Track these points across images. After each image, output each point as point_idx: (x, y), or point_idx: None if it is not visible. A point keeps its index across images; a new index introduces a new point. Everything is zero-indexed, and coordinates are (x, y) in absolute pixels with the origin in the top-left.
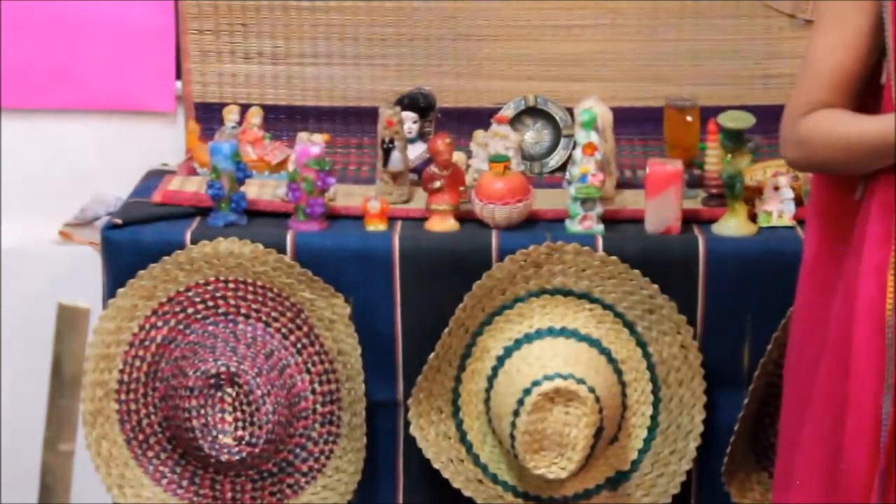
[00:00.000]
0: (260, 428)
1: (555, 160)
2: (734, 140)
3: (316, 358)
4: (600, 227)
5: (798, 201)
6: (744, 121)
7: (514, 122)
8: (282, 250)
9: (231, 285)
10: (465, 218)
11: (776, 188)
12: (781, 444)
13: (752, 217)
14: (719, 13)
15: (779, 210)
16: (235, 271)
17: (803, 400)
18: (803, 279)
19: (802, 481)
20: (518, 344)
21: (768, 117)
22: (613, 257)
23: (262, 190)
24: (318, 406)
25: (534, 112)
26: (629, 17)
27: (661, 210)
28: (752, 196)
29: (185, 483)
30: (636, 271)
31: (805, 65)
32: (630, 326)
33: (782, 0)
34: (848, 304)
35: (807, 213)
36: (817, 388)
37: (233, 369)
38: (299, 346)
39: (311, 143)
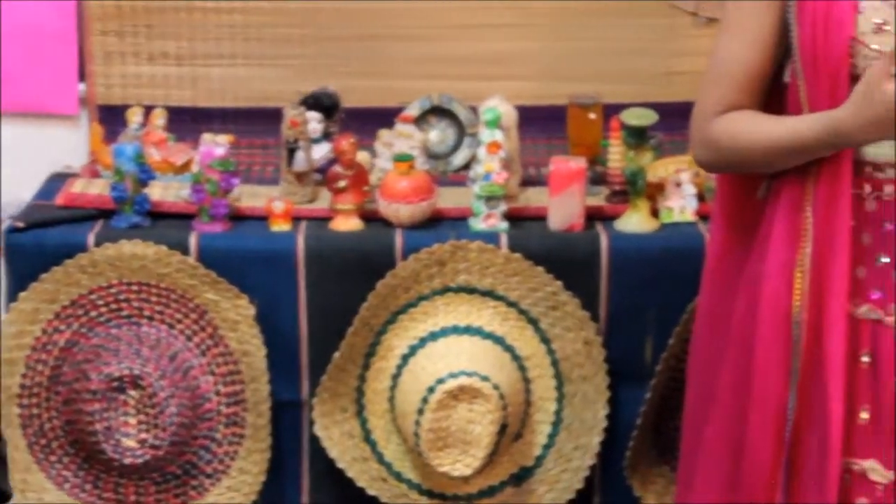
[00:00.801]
0: (164, 430)
1: (459, 159)
2: (637, 137)
3: (220, 359)
4: (504, 225)
5: (700, 197)
6: (646, 118)
7: (419, 121)
8: (186, 252)
9: (134, 288)
10: (370, 217)
11: (678, 184)
12: (684, 441)
13: (655, 213)
14: (622, 12)
15: (681, 206)
16: (139, 273)
17: (706, 397)
18: (707, 277)
19: (705, 478)
20: (422, 342)
21: (671, 114)
22: (517, 255)
23: (166, 191)
24: (222, 407)
25: (438, 111)
26: (533, 16)
27: (564, 207)
28: (655, 192)
29: (88, 487)
30: (540, 268)
31: (712, 64)
32: (534, 323)
33: None
34: (752, 301)
35: (712, 211)
36: (720, 385)
37: (136, 372)
38: (203, 347)
39: (216, 145)
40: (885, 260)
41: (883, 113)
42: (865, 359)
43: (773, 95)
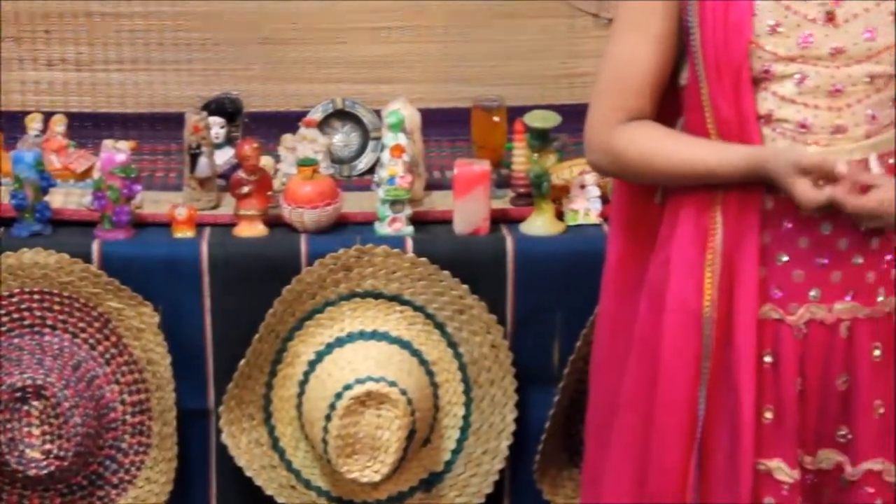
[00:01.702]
0: (68, 441)
1: (364, 163)
2: (540, 139)
3: (125, 368)
4: (409, 229)
5: (604, 199)
6: (550, 120)
7: (323, 125)
8: (88, 260)
9: (36, 296)
10: (275, 223)
11: (582, 186)
12: (589, 443)
13: (560, 215)
14: (524, 13)
15: (585, 208)
16: (41, 282)
17: (610, 399)
18: (607, 281)
19: (614, 480)
20: (329, 348)
21: (574, 116)
22: (423, 259)
23: (68, 199)
24: (127, 416)
25: (342, 115)
26: (435, 18)
27: (469, 210)
28: (560, 195)
29: None
30: (446, 272)
31: (606, 68)
32: (441, 327)
33: (586, 0)
34: (655, 302)
35: (609, 216)
36: (625, 388)
37: (39, 382)
38: (108, 356)
39: (117, 151)
40: (785, 259)
41: (785, 173)
42: (768, 359)
43: (668, 98)
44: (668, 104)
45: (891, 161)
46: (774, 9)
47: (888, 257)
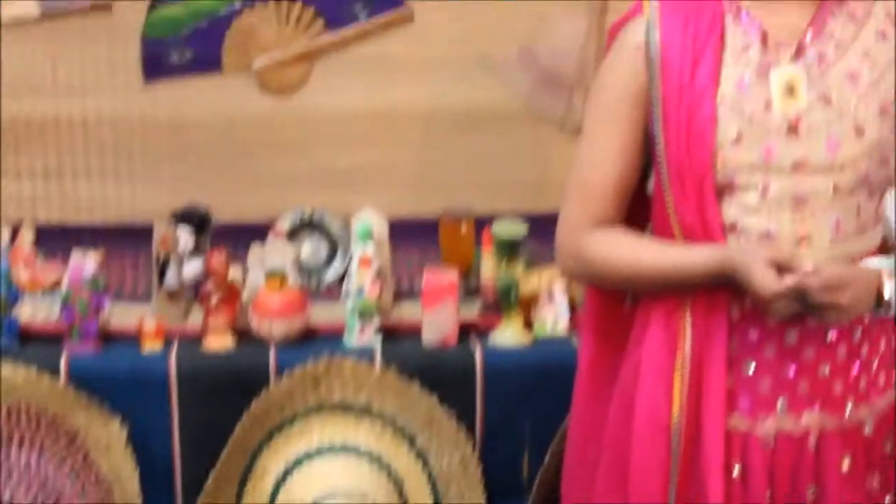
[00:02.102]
0: None
1: (332, 273)
2: (508, 249)
3: (92, 485)
4: (378, 340)
5: (573, 308)
6: (517, 230)
7: (291, 235)
8: (56, 374)
9: (3, 412)
10: (243, 334)
11: (551, 296)
12: None
13: (529, 325)
14: (492, 123)
15: (554, 318)
16: (7, 397)
17: None
18: (579, 386)
19: None
20: (299, 462)
21: (542, 225)
22: (391, 370)
23: (36, 311)
24: None
25: (311, 225)
26: (404, 128)
27: (438, 321)
28: (528, 304)
29: None
30: (415, 384)
31: (575, 176)
32: (410, 440)
33: (552, 108)
34: (625, 409)
35: (580, 320)
36: (596, 494)
37: (5, 499)
38: (75, 473)
39: (85, 263)
40: (752, 368)
41: (749, 284)
42: (736, 470)
43: (636, 205)
44: (639, 211)
45: None
46: (738, 119)
47: (855, 369)
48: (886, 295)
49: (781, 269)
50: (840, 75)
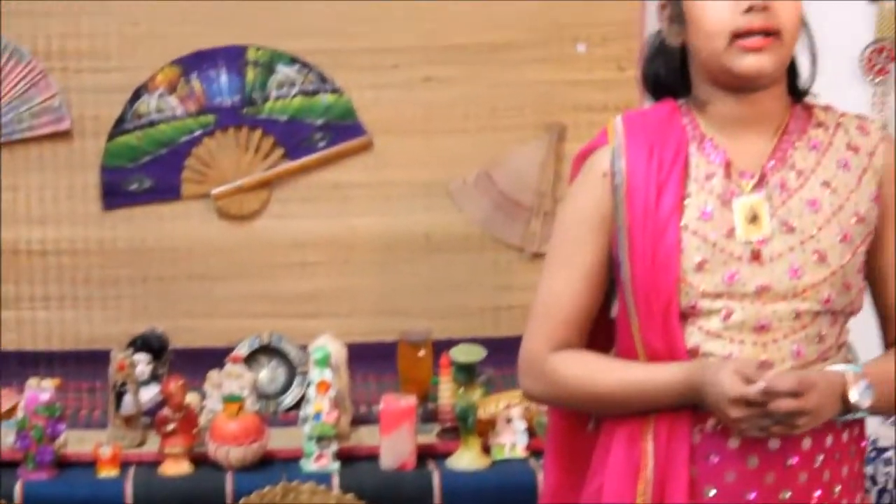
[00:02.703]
0: None
1: (290, 398)
2: (466, 373)
3: None
4: (336, 465)
5: (531, 432)
6: (475, 354)
7: (249, 360)
8: (10, 500)
9: None
10: (200, 460)
11: (509, 420)
12: None
13: (487, 449)
14: (450, 247)
15: (512, 442)
16: None
17: None
18: None
19: None
20: None
21: (500, 350)
22: (349, 496)
23: None
24: None
25: (268, 350)
26: (362, 253)
27: (396, 446)
28: (486, 428)
29: None
30: None
31: (539, 300)
32: None
33: (510, 233)
34: None
35: (545, 444)
36: None
37: None
38: None
39: (41, 389)
40: (713, 493)
41: (718, 399)
42: None
43: (601, 329)
44: (601, 335)
45: None
46: (701, 246)
47: (816, 495)
48: (852, 398)
49: (747, 381)
50: (802, 203)
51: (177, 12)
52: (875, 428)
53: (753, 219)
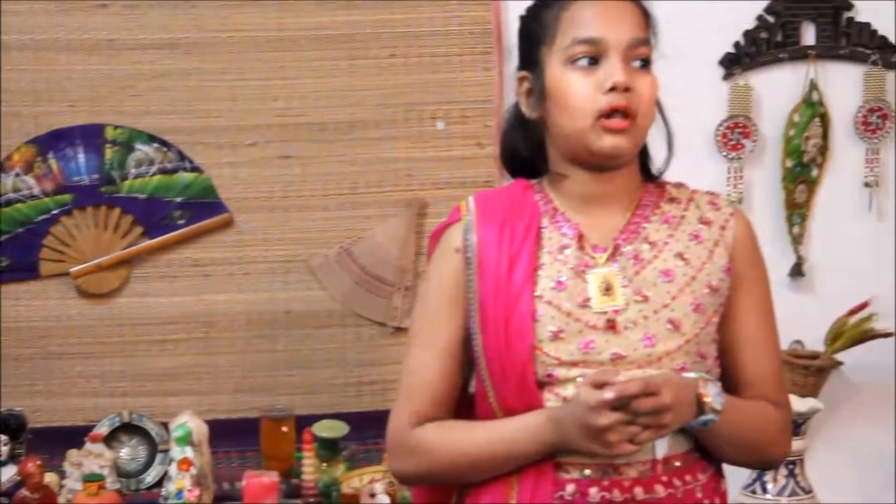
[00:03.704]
0: None
1: (151, 476)
2: (329, 449)
3: None
4: None
5: None
6: (338, 430)
7: (110, 438)
8: None
9: None
10: None
11: (372, 495)
12: None
13: None
14: (312, 323)
15: None
16: None
17: None
18: None
19: None
20: None
21: (363, 424)
22: None
23: None
24: None
25: (129, 428)
26: (223, 329)
27: None
28: (350, 503)
29: None
30: None
31: (403, 377)
32: None
33: (372, 309)
34: None
35: None
36: None
37: None
38: None
39: None
40: None
41: (581, 416)
42: None
43: (464, 405)
44: (464, 412)
45: (676, 464)
46: (556, 316)
47: None
48: (706, 398)
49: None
50: (656, 273)
51: (32, 91)
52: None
53: (607, 289)
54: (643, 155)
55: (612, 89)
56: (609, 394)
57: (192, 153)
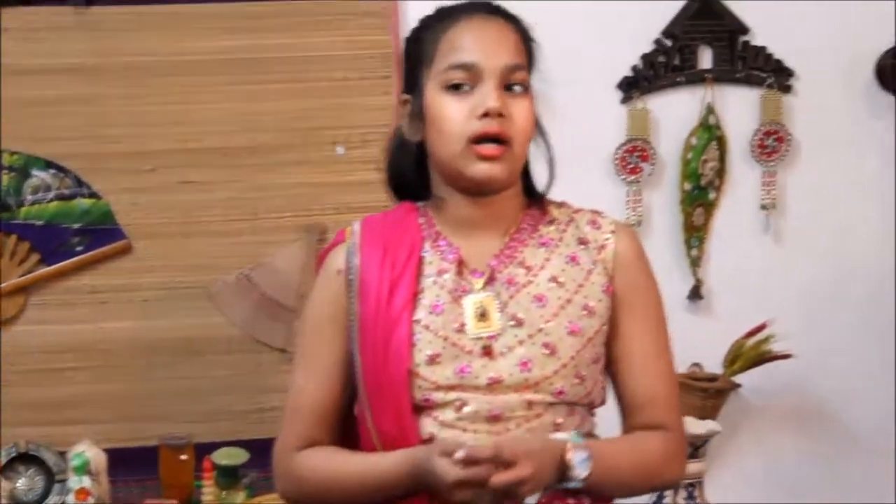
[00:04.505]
0: None
1: None
2: (229, 476)
3: None
4: None
5: None
6: (237, 457)
7: (6, 469)
8: None
9: None
10: None
11: None
12: None
13: None
14: (211, 350)
15: None
16: None
17: None
18: None
19: None
20: None
21: (263, 451)
22: None
23: None
24: None
25: (26, 458)
26: (121, 357)
27: None
28: None
29: None
30: None
31: (288, 399)
32: None
33: (272, 335)
34: None
35: None
36: None
37: None
38: None
39: None
40: None
41: (439, 483)
42: None
43: (349, 428)
44: (351, 435)
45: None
46: (434, 340)
47: None
48: (571, 463)
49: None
50: (530, 298)
51: None
52: None
53: (483, 315)
54: (526, 177)
55: (486, 115)
56: (456, 456)
57: (91, 179)
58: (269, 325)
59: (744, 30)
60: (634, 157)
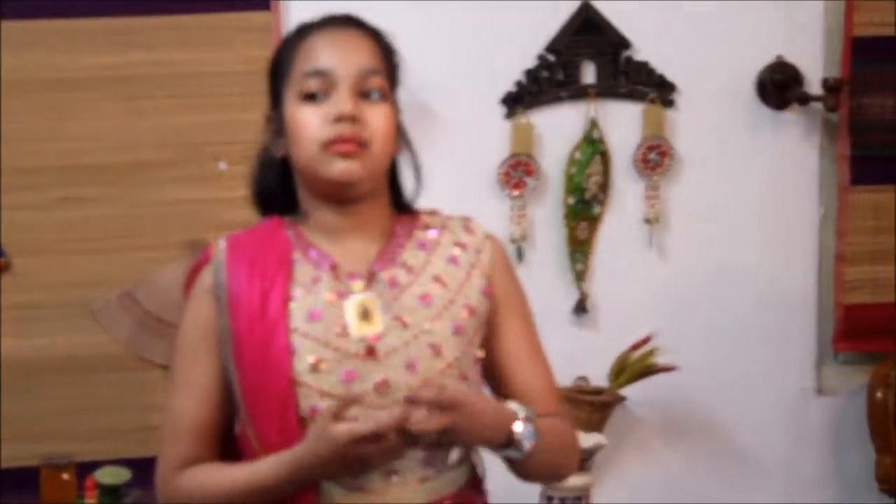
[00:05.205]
0: None
1: None
2: (112, 496)
3: None
4: None
5: None
6: (120, 476)
7: None
8: None
9: None
10: None
11: None
12: None
13: None
14: (94, 368)
15: None
16: None
17: None
18: None
19: None
20: None
21: (147, 470)
22: None
23: None
24: None
25: None
26: (1, 376)
27: None
28: None
29: None
30: None
31: (166, 420)
32: None
33: (156, 352)
34: None
35: None
36: None
37: None
38: None
39: None
40: None
41: (333, 452)
42: None
43: (232, 447)
44: (234, 454)
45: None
46: (314, 347)
47: None
48: (520, 435)
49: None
50: (414, 298)
51: None
52: None
53: (366, 316)
54: (395, 188)
55: (339, 120)
56: (383, 418)
57: None
58: (152, 342)
59: (626, 45)
60: (518, 171)
